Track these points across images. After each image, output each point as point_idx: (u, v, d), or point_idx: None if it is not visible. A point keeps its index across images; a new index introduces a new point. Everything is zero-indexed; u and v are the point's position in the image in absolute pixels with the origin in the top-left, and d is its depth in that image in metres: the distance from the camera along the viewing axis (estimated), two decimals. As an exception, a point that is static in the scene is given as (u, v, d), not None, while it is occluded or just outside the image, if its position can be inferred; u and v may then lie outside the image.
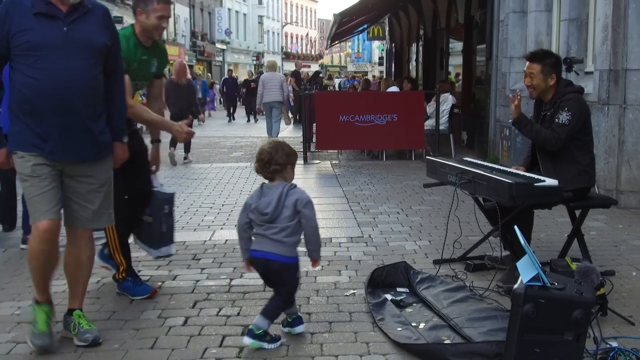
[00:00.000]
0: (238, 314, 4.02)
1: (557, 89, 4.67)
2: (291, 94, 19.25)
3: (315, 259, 3.69)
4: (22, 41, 3.32)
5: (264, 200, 3.55)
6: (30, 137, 3.41)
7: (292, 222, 3.53)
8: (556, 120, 4.55)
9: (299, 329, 3.69)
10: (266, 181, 3.65)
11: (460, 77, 15.79)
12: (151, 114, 4.33)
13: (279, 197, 3.52)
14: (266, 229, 3.55)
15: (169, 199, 4.60)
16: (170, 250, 4.68)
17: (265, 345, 3.49)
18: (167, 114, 7.36)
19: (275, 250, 3.54)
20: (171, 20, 44.15)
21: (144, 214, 4.51)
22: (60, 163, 3.47)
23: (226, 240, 5.79)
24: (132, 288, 4.32)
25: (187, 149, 11.87)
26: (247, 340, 3.49)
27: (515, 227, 3.38)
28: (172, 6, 4.40)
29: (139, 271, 4.67)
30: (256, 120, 23.46)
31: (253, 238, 3.64)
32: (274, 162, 3.58)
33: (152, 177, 4.58)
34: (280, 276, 3.61)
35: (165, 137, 5.14)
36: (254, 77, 26.77)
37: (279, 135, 15.26)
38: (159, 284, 4.60)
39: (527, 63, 4.74)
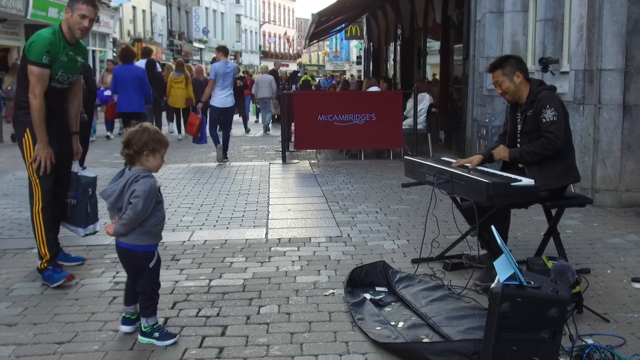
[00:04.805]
0: (218, 314, 4.02)
1: (530, 88, 4.73)
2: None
3: (112, 227, 3.54)
4: None
5: (111, 187, 3.54)
6: None
7: None
8: (543, 120, 4.56)
9: (162, 342, 3.56)
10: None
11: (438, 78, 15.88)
12: (36, 115, 4.51)
13: (122, 189, 3.49)
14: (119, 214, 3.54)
15: (92, 181, 5.12)
16: (96, 228, 5.20)
17: (155, 342, 3.54)
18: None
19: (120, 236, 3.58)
20: (148, 18, 43.50)
21: (68, 196, 5.01)
22: None
23: (205, 241, 5.78)
24: (52, 275, 4.57)
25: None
26: (140, 338, 3.58)
27: (493, 227, 3.41)
28: (95, 10, 4.70)
29: (117, 272, 4.77)
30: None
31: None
32: (130, 147, 3.52)
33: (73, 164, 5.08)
34: (125, 262, 3.66)
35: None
36: (238, 76, 26.39)
37: (269, 125, 18.66)
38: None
39: (491, 75, 4.88)
